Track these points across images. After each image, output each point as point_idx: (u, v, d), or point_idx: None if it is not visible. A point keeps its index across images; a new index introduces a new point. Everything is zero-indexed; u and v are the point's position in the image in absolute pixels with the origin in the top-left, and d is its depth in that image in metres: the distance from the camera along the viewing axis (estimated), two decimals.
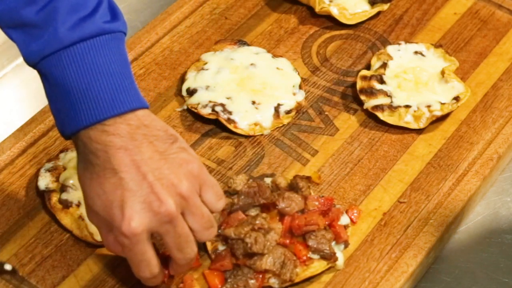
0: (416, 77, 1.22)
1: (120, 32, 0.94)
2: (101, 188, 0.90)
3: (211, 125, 1.19)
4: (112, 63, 0.91)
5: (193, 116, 1.20)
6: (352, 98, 1.23)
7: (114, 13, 0.94)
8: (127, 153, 0.89)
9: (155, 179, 0.90)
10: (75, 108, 0.90)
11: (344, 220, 1.07)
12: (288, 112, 1.19)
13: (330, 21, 1.32)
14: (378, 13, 1.34)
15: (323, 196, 1.07)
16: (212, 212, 0.96)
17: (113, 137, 0.89)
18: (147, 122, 0.92)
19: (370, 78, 1.21)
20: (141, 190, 0.90)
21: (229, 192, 1.09)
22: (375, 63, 1.25)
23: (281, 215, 1.05)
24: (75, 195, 1.07)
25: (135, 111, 0.91)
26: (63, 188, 1.07)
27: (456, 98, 1.19)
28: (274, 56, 1.25)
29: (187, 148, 0.94)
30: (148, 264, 0.94)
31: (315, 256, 1.03)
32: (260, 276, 1.01)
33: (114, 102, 0.90)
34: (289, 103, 1.20)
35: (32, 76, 1.32)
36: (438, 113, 1.18)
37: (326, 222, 1.05)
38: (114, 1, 0.95)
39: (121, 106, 0.90)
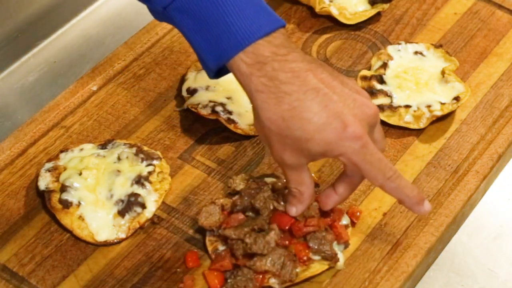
0: (416, 77, 1.22)
1: None
2: (310, 111, 0.92)
3: (211, 125, 1.19)
4: None
5: (193, 116, 1.20)
6: None
7: None
8: (313, 73, 0.93)
9: (349, 89, 0.94)
10: (232, 30, 0.93)
11: (345, 220, 1.07)
12: None
13: (330, 21, 1.32)
14: (378, 13, 1.34)
15: None
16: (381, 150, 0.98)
17: (295, 63, 0.92)
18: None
19: (370, 78, 1.21)
20: (346, 99, 0.93)
21: (229, 192, 1.09)
22: (375, 63, 1.25)
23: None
24: (75, 195, 1.07)
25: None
26: (63, 188, 1.07)
27: (456, 98, 1.19)
28: None
29: None
30: (384, 159, 0.95)
31: (316, 257, 1.03)
32: (260, 276, 1.01)
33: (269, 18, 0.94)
34: None
35: (32, 76, 1.33)
36: (438, 113, 1.18)
37: (328, 223, 1.05)
38: None
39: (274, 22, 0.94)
